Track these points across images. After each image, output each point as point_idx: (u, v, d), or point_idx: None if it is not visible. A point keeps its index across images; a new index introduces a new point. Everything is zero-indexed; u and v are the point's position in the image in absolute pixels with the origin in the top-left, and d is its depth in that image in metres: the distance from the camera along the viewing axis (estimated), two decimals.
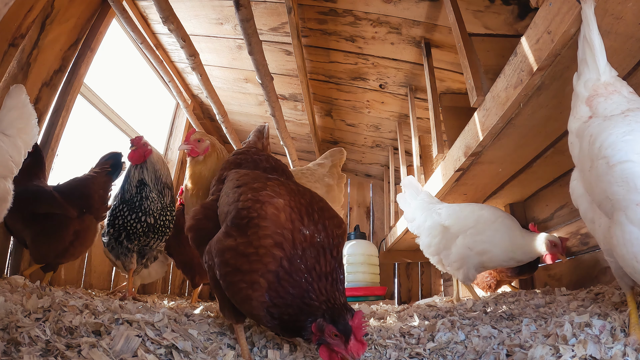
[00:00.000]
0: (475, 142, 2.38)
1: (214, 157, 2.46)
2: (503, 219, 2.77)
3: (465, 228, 2.84)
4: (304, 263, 1.40)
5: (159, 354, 1.40)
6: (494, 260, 2.78)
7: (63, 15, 3.16)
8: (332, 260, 1.44)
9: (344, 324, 1.28)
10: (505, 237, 2.72)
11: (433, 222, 3.03)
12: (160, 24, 3.52)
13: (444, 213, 2.99)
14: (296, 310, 1.36)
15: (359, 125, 5.55)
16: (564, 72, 1.73)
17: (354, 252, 5.28)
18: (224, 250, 1.48)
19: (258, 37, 3.21)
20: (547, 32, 1.61)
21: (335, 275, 1.42)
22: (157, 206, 2.85)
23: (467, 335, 1.75)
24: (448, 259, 2.94)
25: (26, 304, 1.50)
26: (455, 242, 2.88)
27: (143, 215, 2.79)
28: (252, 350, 1.73)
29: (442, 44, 3.63)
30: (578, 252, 2.86)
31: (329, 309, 1.33)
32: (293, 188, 1.59)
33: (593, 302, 1.88)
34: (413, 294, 6.25)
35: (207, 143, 2.45)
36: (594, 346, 1.21)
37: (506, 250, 2.72)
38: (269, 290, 1.38)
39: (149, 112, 5.71)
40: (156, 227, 2.84)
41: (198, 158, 2.41)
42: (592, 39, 1.40)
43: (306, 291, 1.36)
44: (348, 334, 1.28)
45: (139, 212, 2.78)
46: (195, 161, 2.43)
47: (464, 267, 2.86)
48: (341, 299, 1.39)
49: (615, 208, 1.22)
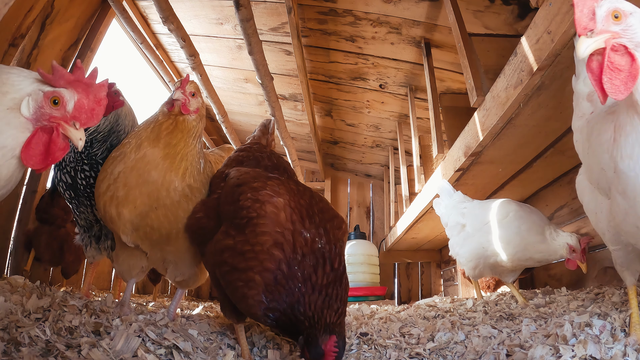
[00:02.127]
0: (475, 142, 2.38)
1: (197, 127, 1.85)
2: (516, 213, 2.45)
3: (479, 225, 2.66)
4: (300, 271, 1.38)
5: (159, 354, 1.40)
6: (510, 260, 2.47)
7: (63, 15, 3.16)
8: (331, 274, 1.40)
9: (316, 348, 1.29)
10: (518, 235, 2.39)
11: (455, 221, 2.90)
12: (160, 24, 3.52)
13: (465, 211, 2.84)
14: (287, 318, 1.35)
15: (359, 125, 5.55)
16: (564, 72, 1.73)
17: (354, 252, 5.28)
18: (223, 250, 1.48)
19: (258, 37, 3.21)
20: (547, 32, 1.61)
21: (330, 291, 1.38)
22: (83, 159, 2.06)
23: (467, 335, 1.75)
24: (463, 258, 2.80)
25: (26, 304, 1.50)
26: (471, 240, 2.73)
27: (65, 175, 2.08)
28: (252, 350, 1.73)
29: (442, 44, 3.63)
30: None
31: (310, 327, 1.33)
32: (293, 188, 1.59)
33: (593, 302, 1.88)
34: (413, 294, 6.25)
35: (200, 102, 1.85)
36: (594, 346, 1.21)
37: (521, 250, 2.40)
38: (265, 291, 1.37)
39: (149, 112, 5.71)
40: (75, 186, 2.08)
41: (187, 117, 1.79)
42: None
43: (297, 302, 1.35)
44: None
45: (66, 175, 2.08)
46: (177, 122, 1.78)
47: (478, 268, 2.71)
48: (328, 317, 1.35)
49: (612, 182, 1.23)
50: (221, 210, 1.66)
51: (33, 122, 1.15)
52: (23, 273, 2.87)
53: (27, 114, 1.14)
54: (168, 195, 1.71)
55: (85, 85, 1.22)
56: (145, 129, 1.79)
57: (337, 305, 1.38)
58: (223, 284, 1.52)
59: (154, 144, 1.73)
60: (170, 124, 1.77)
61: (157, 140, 1.74)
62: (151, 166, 1.69)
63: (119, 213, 1.69)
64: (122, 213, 1.69)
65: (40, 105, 1.15)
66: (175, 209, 1.73)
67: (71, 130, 1.19)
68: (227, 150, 2.85)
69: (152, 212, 1.71)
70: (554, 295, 2.43)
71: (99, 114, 1.24)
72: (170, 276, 1.98)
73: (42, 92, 1.16)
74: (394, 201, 5.91)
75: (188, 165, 1.77)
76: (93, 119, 1.23)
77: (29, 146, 1.14)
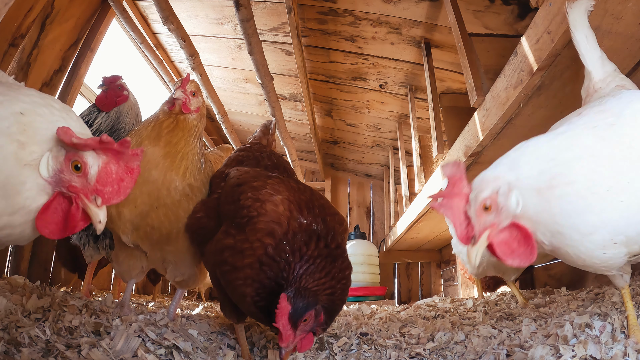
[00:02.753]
0: (475, 142, 2.38)
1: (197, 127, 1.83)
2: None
3: None
4: (289, 245, 1.37)
5: (159, 354, 1.40)
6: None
7: (63, 15, 3.16)
8: (325, 249, 1.39)
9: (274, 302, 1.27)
10: None
11: None
12: (160, 24, 3.52)
13: None
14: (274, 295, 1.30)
15: (359, 125, 5.55)
16: (564, 72, 1.73)
17: (354, 252, 5.28)
18: (223, 249, 1.48)
19: (258, 37, 3.21)
20: (547, 32, 1.61)
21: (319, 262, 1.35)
22: None
23: (467, 335, 1.75)
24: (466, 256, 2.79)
25: (26, 304, 1.50)
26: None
27: None
28: (252, 350, 1.73)
29: (442, 44, 3.63)
30: None
31: (283, 287, 1.31)
32: (294, 186, 1.59)
33: (593, 302, 1.88)
34: (413, 294, 6.25)
35: (201, 101, 1.85)
36: (594, 346, 1.21)
37: None
38: (253, 282, 1.36)
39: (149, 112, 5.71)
40: None
41: (187, 116, 1.78)
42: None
43: (282, 270, 1.34)
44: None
45: None
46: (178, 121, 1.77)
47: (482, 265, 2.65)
48: (304, 281, 1.31)
49: None
50: (221, 209, 1.65)
51: (52, 185, 0.94)
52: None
53: (45, 175, 0.93)
54: (169, 195, 1.70)
55: (115, 152, 0.98)
56: (145, 127, 1.78)
57: (320, 276, 1.35)
58: (223, 284, 1.52)
59: (155, 142, 1.72)
60: (171, 122, 1.76)
61: (157, 139, 1.73)
62: (151, 165, 1.69)
63: (119, 212, 1.68)
64: (122, 212, 1.68)
65: (60, 168, 0.94)
66: (175, 208, 1.72)
67: (91, 207, 0.97)
68: (226, 150, 2.85)
69: (152, 212, 1.70)
70: (554, 295, 2.43)
71: (128, 187, 1.01)
72: (170, 276, 1.98)
73: (65, 151, 0.94)
74: (394, 201, 5.91)
75: (189, 165, 1.77)
76: (120, 194, 1.00)
77: (46, 213, 0.94)
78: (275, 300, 1.27)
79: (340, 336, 1.88)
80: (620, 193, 1.06)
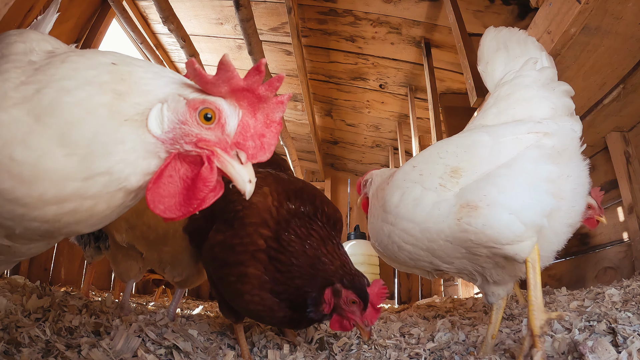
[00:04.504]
0: None
1: None
2: None
3: None
4: (293, 233, 1.37)
5: (159, 354, 1.40)
6: None
7: (63, 15, 3.16)
8: (324, 227, 1.40)
9: (363, 290, 1.27)
10: None
11: None
12: (160, 24, 3.52)
13: None
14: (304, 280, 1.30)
15: (359, 125, 5.56)
16: (563, 72, 1.73)
17: (354, 252, 5.27)
18: (214, 246, 1.48)
19: (258, 37, 3.21)
20: (547, 32, 1.61)
21: (334, 240, 1.37)
22: None
23: (467, 335, 1.75)
24: None
25: (26, 304, 1.50)
26: None
27: None
28: (252, 350, 1.73)
29: (442, 44, 3.63)
30: (578, 252, 2.86)
31: (347, 274, 1.29)
32: (284, 177, 1.58)
33: (593, 302, 1.88)
34: (413, 294, 6.24)
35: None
36: None
37: None
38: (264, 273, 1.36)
39: None
40: None
41: None
42: None
43: (316, 257, 1.32)
44: (366, 301, 1.27)
45: None
46: None
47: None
48: (352, 265, 1.34)
49: None
50: (214, 207, 1.65)
51: (167, 144, 0.73)
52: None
53: (157, 132, 0.72)
54: None
55: (258, 99, 0.77)
56: None
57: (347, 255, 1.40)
58: (217, 281, 1.52)
59: None
60: None
61: None
62: None
63: None
64: None
65: (182, 120, 0.73)
66: None
67: (234, 164, 0.77)
68: None
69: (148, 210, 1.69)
70: (554, 295, 2.43)
71: (272, 143, 0.81)
72: (168, 276, 1.97)
73: (185, 99, 0.74)
74: None
75: None
76: (265, 151, 0.80)
77: (159, 182, 0.74)
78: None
79: (340, 336, 1.88)
80: None
